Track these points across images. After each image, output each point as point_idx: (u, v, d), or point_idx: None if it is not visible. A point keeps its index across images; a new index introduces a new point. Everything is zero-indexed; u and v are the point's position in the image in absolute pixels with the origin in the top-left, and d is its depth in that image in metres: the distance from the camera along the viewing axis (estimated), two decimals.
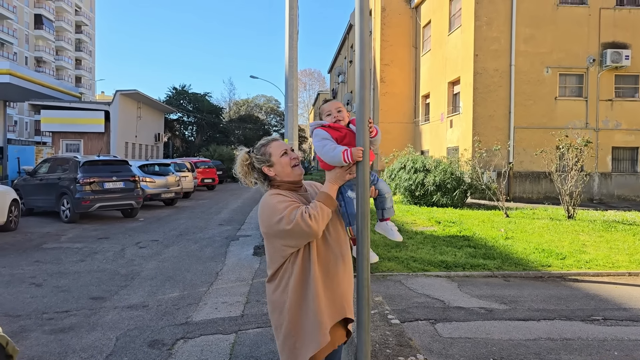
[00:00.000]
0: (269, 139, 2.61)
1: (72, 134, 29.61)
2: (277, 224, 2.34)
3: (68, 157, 14.42)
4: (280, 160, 2.51)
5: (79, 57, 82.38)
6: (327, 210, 2.34)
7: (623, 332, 5.12)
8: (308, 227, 2.27)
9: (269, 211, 2.40)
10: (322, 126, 2.52)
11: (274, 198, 2.42)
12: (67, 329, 5.06)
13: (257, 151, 2.56)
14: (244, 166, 2.59)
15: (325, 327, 2.36)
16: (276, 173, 2.53)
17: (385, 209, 2.64)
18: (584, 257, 8.38)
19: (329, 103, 2.60)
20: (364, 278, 2.33)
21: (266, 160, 2.52)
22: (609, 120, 19.79)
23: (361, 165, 2.33)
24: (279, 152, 2.52)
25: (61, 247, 9.66)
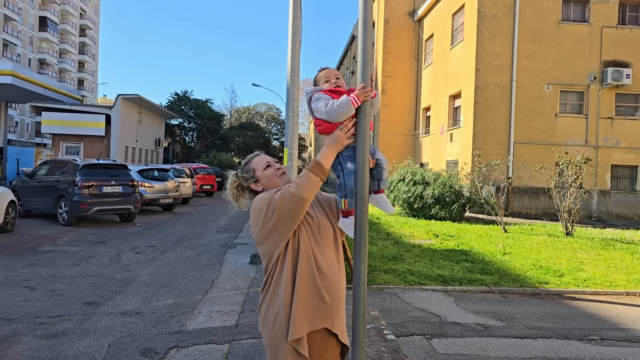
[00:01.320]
0: (250, 156, 2.62)
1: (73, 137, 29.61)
2: (266, 213, 2.29)
3: (67, 160, 14.39)
4: (264, 174, 2.50)
5: (82, 60, 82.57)
6: (314, 178, 2.25)
7: (620, 352, 5.08)
8: (291, 195, 2.21)
9: (256, 209, 2.35)
10: (322, 90, 2.43)
11: (260, 196, 2.39)
12: (60, 334, 5.01)
13: (242, 170, 2.57)
14: (233, 189, 2.59)
15: (299, 328, 2.30)
16: (264, 187, 2.50)
17: (382, 180, 2.53)
18: (581, 275, 8.34)
19: (327, 70, 2.51)
20: (360, 294, 2.30)
21: (251, 176, 2.52)
22: (608, 138, 19.82)
23: (360, 181, 2.28)
24: (262, 166, 2.51)
25: (57, 250, 9.60)
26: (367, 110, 2.30)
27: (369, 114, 2.31)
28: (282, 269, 2.37)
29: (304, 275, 2.34)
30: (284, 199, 2.23)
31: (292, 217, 2.26)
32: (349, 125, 2.33)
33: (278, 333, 2.41)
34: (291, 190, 2.22)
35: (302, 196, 2.22)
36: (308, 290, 2.35)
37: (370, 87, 2.30)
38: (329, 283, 2.41)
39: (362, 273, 2.30)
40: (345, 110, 2.27)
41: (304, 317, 2.34)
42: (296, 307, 2.33)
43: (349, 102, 2.25)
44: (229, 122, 65.84)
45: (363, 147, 2.29)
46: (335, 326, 2.45)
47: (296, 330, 2.32)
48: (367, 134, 2.30)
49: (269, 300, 2.44)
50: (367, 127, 2.30)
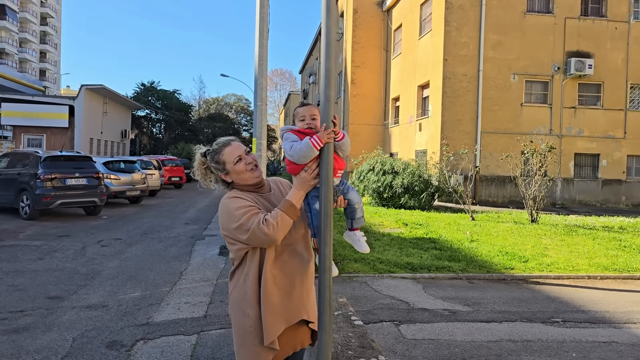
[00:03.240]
0: (221, 143, 2.52)
1: (35, 129, 28.77)
2: (235, 231, 2.31)
3: (29, 152, 13.97)
4: (234, 168, 2.44)
5: (44, 49, 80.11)
6: (288, 220, 2.28)
7: (581, 334, 5.23)
8: (265, 235, 2.23)
9: (226, 216, 2.36)
10: (292, 130, 2.45)
11: (232, 202, 2.36)
12: (22, 329, 4.88)
13: (212, 158, 2.50)
14: (201, 169, 2.55)
15: (272, 329, 2.33)
16: (233, 180, 2.48)
17: (355, 219, 2.57)
18: (545, 260, 8.56)
19: (305, 108, 2.49)
20: (326, 279, 2.29)
21: (221, 168, 2.47)
22: (572, 127, 20.32)
23: (324, 162, 2.27)
24: (233, 159, 2.44)
25: (19, 244, 9.34)
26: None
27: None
28: (249, 264, 2.39)
29: (270, 272, 2.36)
30: (255, 234, 2.25)
31: (260, 246, 2.33)
32: (312, 166, 2.34)
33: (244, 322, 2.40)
34: (265, 230, 2.22)
35: (275, 239, 2.26)
36: (275, 286, 2.37)
37: (337, 130, 2.31)
38: (297, 272, 2.42)
39: (327, 258, 2.29)
40: (306, 153, 2.29)
41: (276, 316, 2.36)
42: (266, 307, 2.34)
43: (310, 145, 2.27)
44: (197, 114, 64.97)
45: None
46: (310, 315, 2.47)
47: (270, 332, 2.33)
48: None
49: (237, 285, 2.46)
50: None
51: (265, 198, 2.48)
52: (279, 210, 2.28)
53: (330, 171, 2.29)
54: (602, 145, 20.55)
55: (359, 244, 2.57)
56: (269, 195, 2.52)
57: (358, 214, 2.56)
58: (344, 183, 2.54)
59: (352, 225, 2.59)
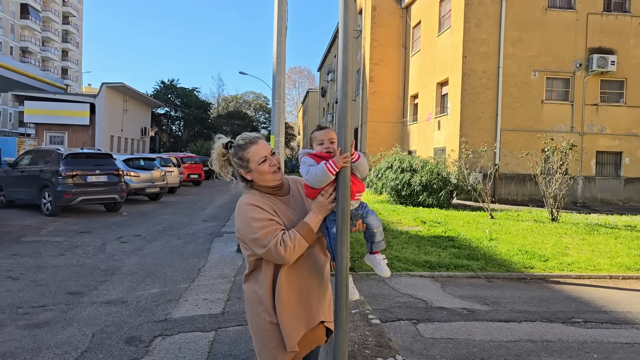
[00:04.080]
0: (248, 139, 2.43)
1: (57, 126, 29.21)
2: (251, 242, 2.31)
3: (50, 149, 14.18)
4: (258, 168, 2.38)
5: (66, 48, 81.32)
6: (305, 244, 2.28)
7: (603, 334, 5.14)
8: (280, 257, 2.24)
9: (244, 224, 2.34)
10: (310, 154, 2.43)
11: (251, 211, 2.32)
12: (42, 324, 4.95)
13: (235, 153, 2.42)
14: (220, 160, 2.48)
15: (292, 335, 2.34)
16: (254, 179, 2.43)
17: (374, 243, 2.54)
18: (566, 260, 8.42)
19: (323, 131, 2.46)
20: (343, 277, 2.28)
21: (244, 165, 2.41)
22: (593, 125, 19.96)
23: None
24: (258, 159, 2.38)
25: (41, 240, 9.49)
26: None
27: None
28: (264, 269, 2.40)
29: (285, 278, 2.36)
30: (270, 253, 2.25)
31: (274, 262, 2.31)
32: (329, 190, 2.33)
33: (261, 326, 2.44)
34: (282, 252, 2.22)
35: (289, 261, 2.27)
36: (291, 292, 2.38)
37: (352, 151, 2.29)
38: (314, 275, 2.42)
39: (344, 257, 2.28)
40: (322, 177, 2.28)
41: (296, 322, 2.37)
42: (284, 314, 2.35)
43: (325, 170, 2.25)
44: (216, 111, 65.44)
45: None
46: (327, 315, 2.48)
47: (290, 338, 2.34)
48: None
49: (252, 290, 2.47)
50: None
51: (283, 202, 2.45)
52: (297, 234, 2.26)
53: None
54: (625, 143, 20.16)
55: (379, 267, 2.55)
56: (287, 198, 2.48)
57: (377, 237, 2.54)
58: (363, 206, 2.52)
59: (372, 249, 2.58)
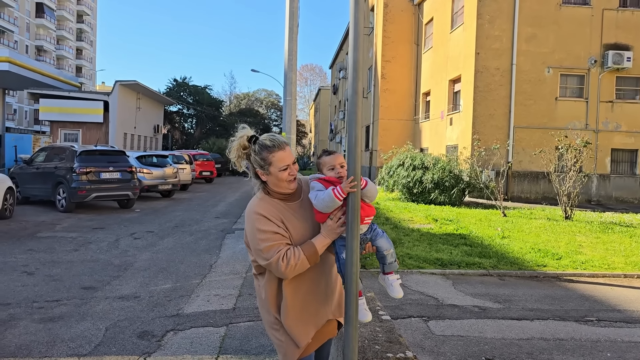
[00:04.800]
0: (276, 142, 2.37)
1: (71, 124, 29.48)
2: (255, 252, 2.35)
3: (65, 146, 14.34)
4: (278, 174, 2.36)
5: (80, 46, 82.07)
6: (307, 264, 2.30)
7: (616, 333, 5.09)
8: (280, 272, 2.28)
9: (250, 232, 2.36)
10: (319, 179, 2.43)
11: (259, 222, 2.32)
12: (57, 318, 5.02)
13: (259, 152, 2.37)
14: (240, 151, 2.42)
15: (301, 337, 2.41)
16: (269, 182, 2.41)
17: (386, 265, 2.55)
18: (580, 258, 8.35)
19: (332, 156, 2.45)
20: (353, 272, 2.28)
21: (264, 167, 2.37)
22: (608, 122, 19.73)
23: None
24: (280, 165, 2.34)
25: (55, 236, 9.61)
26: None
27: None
28: (268, 273, 2.43)
29: (289, 284, 2.41)
30: (271, 266, 2.29)
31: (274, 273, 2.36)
32: (337, 214, 2.34)
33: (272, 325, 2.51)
34: (282, 268, 2.25)
35: (288, 277, 2.31)
36: (296, 297, 2.42)
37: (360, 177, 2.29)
38: (321, 275, 2.48)
39: (354, 252, 2.28)
40: (329, 203, 2.29)
41: (305, 325, 2.43)
42: (291, 320, 2.41)
43: (332, 196, 2.26)
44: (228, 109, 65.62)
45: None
46: (335, 312, 2.56)
47: (301, 340, 2.41)
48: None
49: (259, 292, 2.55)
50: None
51: (292, 208, 2.44)
52: (302, 254, 2.28)
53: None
54: None
55: (391, 289, 2.55)
56: (297, 204, 2.47)
57: (388, 259, 2.54)
58: (373, 229, 2.51)
59: (384, 270, 2.58)
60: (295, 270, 2.28)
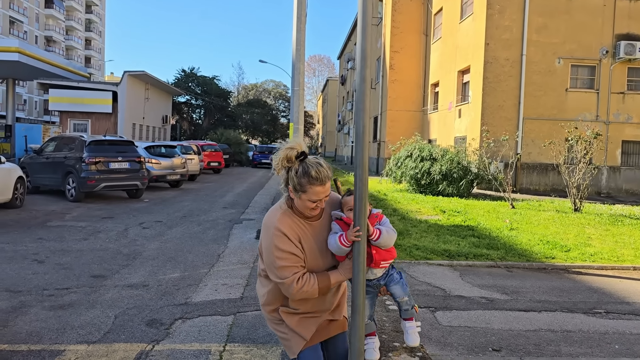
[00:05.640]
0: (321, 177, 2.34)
1: (80, 114, 29.64)
2: (268, 266, 2.41)
3: (74, 136, 14.42)
4: (307, 203, 2.37)
5: (89, 37, 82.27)
6: (316, 295, 2.37)
7: (625, 325, 5.07)
8: (288, 293, 2.37)
9: (267, 246, 2.39)
10: (338, 220, 2.47)
11: (277, 238, 2.34)
12: (67, 305, 5.07)
13: (300, 176, 2.34)
14: (284, 163, 2.39)
15: (303, 335, 2.51)
16: (295, 201, 2.42)
17: (401, 311, 2.58)
18: (588, 250, 8.30)
19: (353, 197, 2.44)
20: (360, 262, 2.29)
21: (298, 189, 2.36)
22: (620, 114, 19.54)
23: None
24: (313, 198, 2.35)
25: (65, 225, 9.69)
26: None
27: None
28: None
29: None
30: (283, 286, 2.36)
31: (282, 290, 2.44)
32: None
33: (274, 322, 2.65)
34: (293, 290, 2.32)
35: (293, 298, 2.41)
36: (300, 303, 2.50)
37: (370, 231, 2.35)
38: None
39: (362, 242, 2.28)
40: (337, 250, 2.38)
41: (304, 328, 2.53)
42: (293, 319, 2.53)
43: (339, 244, 2.35)
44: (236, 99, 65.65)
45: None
46: (336, 314, 2.65)
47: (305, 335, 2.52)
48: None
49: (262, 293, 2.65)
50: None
51: (311, 227, 2.46)
52: (316, 285, 2.34)
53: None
54: None
55: (407, 335, 2.57)
56: (317, 223, 2.49)
57: (403, 306, 2.57)
58: (389, 274, 2.54)
59: (401, 316, 2.61)
60: (304, 296, 2.35)
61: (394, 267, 2.61)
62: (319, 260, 2.44)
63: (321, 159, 2.41)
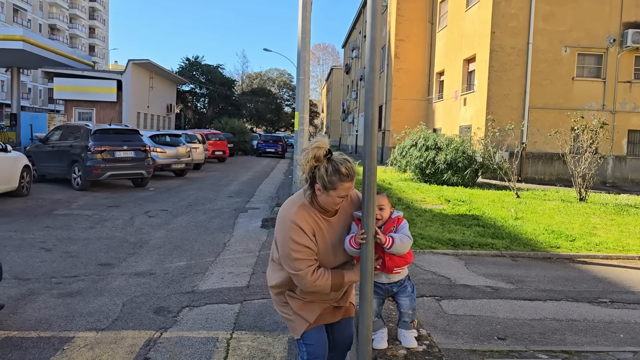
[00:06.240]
0: (350, 173, 2.35)
1: (85, 103, 29.63)
2: (283, 257, 2.44)
3: (80, 125, 14.43)
4: (335, 198, 2.38)
5: (93, 25, 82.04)
6: (328, 290, 2.42)
7: (630, 315, 5.08)
8: (301, 284, 2.41)
9: (283, 238, 2.42)
10: (357, 219, 2.48)
11: (293, 231, 2.37)
12: (75, 293, 5.12)
13: (330, 174, 2.33)
14: (311, 162, 2.36)
15: (307, 317, 2.57)
16: (320, 197, 2.41)
17: (401, 321, 2.60)
18: (594, 240, 8.30)
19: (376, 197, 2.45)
20: (368, 251, 2.30)
21: (327, 186, 2.35)
22: (626, 103, 19.41)
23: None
24: (343, 194, 2.37)
25: (72, 213, 9.74)
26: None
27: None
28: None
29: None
30: (296, 277, 2.40)
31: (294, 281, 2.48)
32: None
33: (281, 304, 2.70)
34: (306, 282, 2.37)
35: (304, 289, 2.46)
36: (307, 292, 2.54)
37: (382, 239, 2.36)
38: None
39: (370, 230, 2.29)
40: (350, 252, 2.44)
41: (308, 311, 2.59)
42: (298, 303, 2.58)
43: (349, 247, 2.41)
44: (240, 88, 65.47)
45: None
46: (341, 302, 2.70)
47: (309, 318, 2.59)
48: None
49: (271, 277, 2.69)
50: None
51: (327, 221, 2.48)
52: (330, 281, 2.39)
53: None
54: None
55: (404, 339, 2.60)
56: (334, 219, 2.51)
57: (404, 318, 2.59)
58: (402, 285, 2.58)
59: (399, 325, 2.63)
60: (316, 289, 2.40)
61: (410, 278, 2.64)
62: (331, 256, 2.46)
63: (345, 154, 2.41)
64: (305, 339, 2.56)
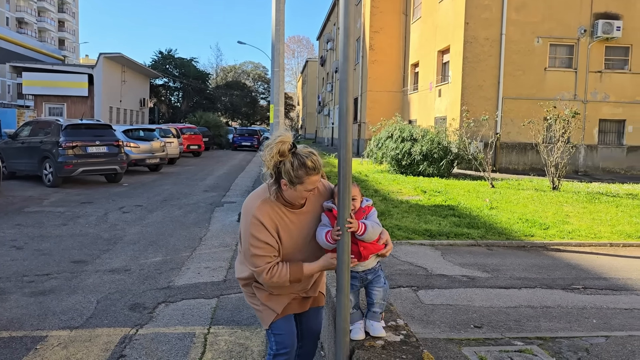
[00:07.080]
0: (316, 167, 2.32)
1: (55, 98, 29.01)
2: (244, 252, 2.46)
3: (50, 120, 14.10)
4: (302, 193, 2.35)
5: (62, 18, 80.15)
6: (287, 284, 2.40)
7: (602, 300, 5.19)
8: (260, 280, 2.43)
9: (244, 232, 2.43)
10: (328, 210, 2.47)
11: (254, 227, 2.35)
12: (48, 291, 5.00)
13: (296, 168, 2.29)
14: (276, 157, 2.31)
15: (274, 308, 2.58)
16: (286, 191, 2.37)
17: (370, 312, 2.58)
18: (566, 228, 8.46)
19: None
20: (345, 242, 2.28)
21: (293, 181, 2.31)
22: (597, 92, 19.80)
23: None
24: (310, 187, 2.34)
25: (43, 211, 9.52)
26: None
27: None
28: None
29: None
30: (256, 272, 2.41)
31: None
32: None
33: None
34: (264, 278, 2.37)
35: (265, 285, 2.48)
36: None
37: (353, 226, 2.32)
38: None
39: (345, 221, 2.28)
40: (323, 245, 2.43)
41: (275, 302, 2.58)
42: (265, 294, 2.58)
43: (324, 242, 2.40)
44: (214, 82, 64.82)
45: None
46: (310, 292, 2.70)
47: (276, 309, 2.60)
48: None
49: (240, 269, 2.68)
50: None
51: (292, 214, 2.45)
52: (288, 276, 2.37)
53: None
54: (629, 110, 20.03)
55: (373, 329, 2.57)
56: (301, 211, 2.47)
57: (375, 307, 2.57)
58: (377, 274, 2.55)
59: (367, 316, 2.60)
60: (274, 285, 2.41)
61: (382, 269, 2.63)
62: (299, 250, 2.45)
63: (309, 147, 2.38)
64: (273, 329, 2.57)
